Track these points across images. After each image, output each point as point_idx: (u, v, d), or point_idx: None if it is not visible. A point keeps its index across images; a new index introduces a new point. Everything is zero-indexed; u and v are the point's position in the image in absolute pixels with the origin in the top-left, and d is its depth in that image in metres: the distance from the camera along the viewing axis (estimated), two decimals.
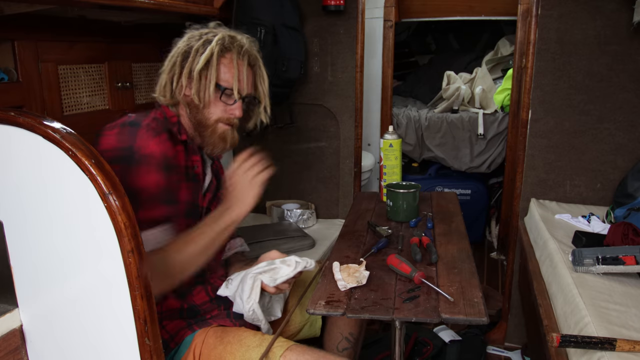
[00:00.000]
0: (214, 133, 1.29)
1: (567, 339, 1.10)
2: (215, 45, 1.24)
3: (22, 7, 1.40)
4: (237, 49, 1.27)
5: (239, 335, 1.16)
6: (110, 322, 0.95)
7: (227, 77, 1.27)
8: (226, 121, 1.29)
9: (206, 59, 1.23)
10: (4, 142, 0.92)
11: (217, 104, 1.27)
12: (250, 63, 1.31)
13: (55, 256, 0.94)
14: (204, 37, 1.27)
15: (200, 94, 1.25)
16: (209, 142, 1.31)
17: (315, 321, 1.46)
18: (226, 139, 1.31)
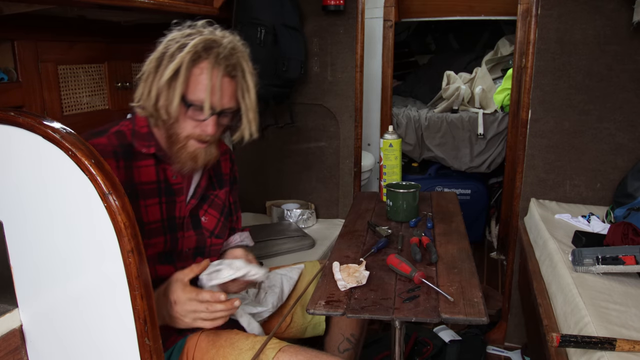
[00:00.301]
0: (183, 150, 1.17)
1: (567, 339, 1.10)
2: (186, 53, 1.09)
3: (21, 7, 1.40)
4: (214, 56, 1.12)
5: (231, 338, 1.15)
6: (111, 322, 0.95)
7: (197, 90, 1.12)
8: (198, 138, 1.16)
9: (174, 68, 1.09)
10: (3, 142, 0.92)
11: (186, 120, 1.15)
12: (229, 73, 1.14)
13: (55, 256, 0.94)
14: (181, 40, 1.13)
15: (167, 107, 1.12)
16: (177, 159, 1.19)
17: (318, 323, 1.46)
18: (197, 158, 1.18)
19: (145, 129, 1.20)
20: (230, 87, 1.16)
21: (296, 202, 2.53)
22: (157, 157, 1.20)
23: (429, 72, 3.91)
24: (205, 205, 1.32)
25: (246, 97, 1.20)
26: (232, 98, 1.17)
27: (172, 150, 1.18)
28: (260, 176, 2.57)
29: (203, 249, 1.31)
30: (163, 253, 1.23)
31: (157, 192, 1.21)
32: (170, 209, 1.23)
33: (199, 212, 1.30)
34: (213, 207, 1.34)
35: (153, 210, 1.20)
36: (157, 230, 1.21)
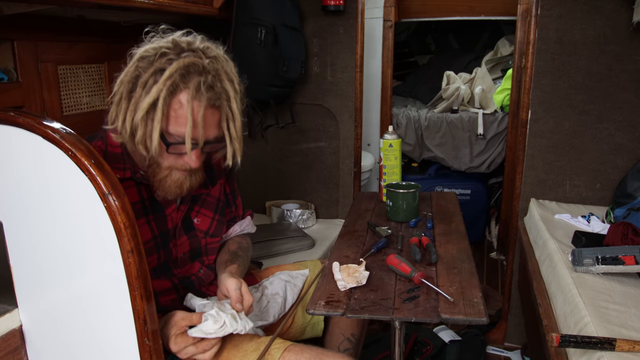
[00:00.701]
0: (167, 179, 1.11)
1: (567, 339, 1.10)
2: (162, 84, 0.99)
3: (21, 7, 1.41)
4: (194, 86, 1.00)
5: (235, 340, 1.14)
6: (110, 322, 0.95)
7: (177, 124, 1.03)
8: (181, 168, 1.10)
9: (150, 102, 0.99)
10: (3, 142, 0.92)
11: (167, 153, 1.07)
12: (212, 104, 1.03)
13: (55, 256, 0.94)
14: (155, 63, 1.01)
15: (145, 142, 1.03)
16: (161, 188, 1.12)
17: (317, 323, 1.46)
18: (182, 186, 1.12)
19: (119, 149, 1.13)
20: (214, 117, 1.06)
21: (296, 202, 2.53)
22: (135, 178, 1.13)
23: (428, 72, 3.91)
24: (196, 206, 1.27)
25: (231, 127, 1.08)
26: (216, 127, 1.07)
27: (155, 180, 1.11)
28: (260, 176, 2.57)
29: (198, 250, 1.29)
30: (158, 267, 1.20)
31: (143, 212, 1.15)
32: (160, 224, 1.18)
33: (190, 214, 1.26)
34: (205, 206, 1.29)
35: (142, 231, 1.14)
36: (150, 250, 1.17)
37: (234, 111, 1.07)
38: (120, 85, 1.04)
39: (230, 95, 1.05)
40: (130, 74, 1.03)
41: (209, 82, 1.02)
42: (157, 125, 1.01)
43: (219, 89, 1.03)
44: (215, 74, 1.03)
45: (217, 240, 1.34)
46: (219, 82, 1.04)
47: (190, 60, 1.01)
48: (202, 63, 1.02)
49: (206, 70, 1.02)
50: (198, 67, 1.01)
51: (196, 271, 1.29)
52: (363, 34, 2.25)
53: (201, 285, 1.29)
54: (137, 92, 1.02)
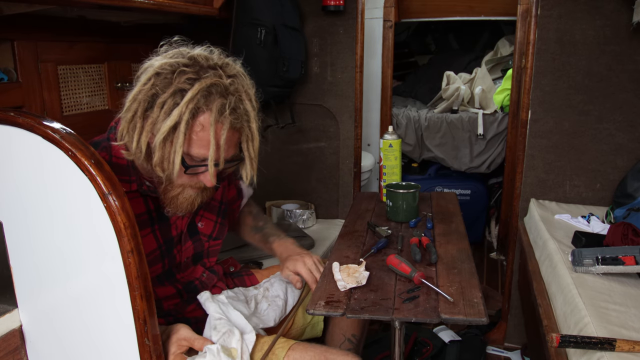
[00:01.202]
0: (179, 196, 1.10)
1: (567, 339, 1.10)
2: (184, 107, 0.96)
3: (21, 7, 1.41)
4: (217, 109, 0.98)
5: None
6: (110, 323, 0.95)
7: (198, 147, 1.01)
8: (195, 186, 1.10)
9: (171, 125, 0.97)
10: (3, 143, 0.92)
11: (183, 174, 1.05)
12: (234, 126, 1.02)
13: (55, 256, 0.94)
14: (174, 82, 0.98)
15: (163, 164, 1.01)
16: (172, 205, 1.11)
17: (317, 323, 1.46)
18: (194, 203, 1.12)
19: (124, 161, 1.09)
20: (234, 137, 1.05)
21: (296, 203, 2.53)
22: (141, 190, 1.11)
23: (428, 73, 3.91)
24: (200, 210, 1.27)
25: (250, 147, 1.09)
26: (235, 147, 1.07)
27: (166, 197, 1.10)
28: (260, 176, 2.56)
29: (201, 253, 1.29)
30: (162, 273, 1.20)
31: (149, 222, 1.14)
32: (165, 232, 1.18)
33: (195, 218, 1.26)
34: (209, 210, 1.30)
35: (147, 241, 1.13)
36: (155, 259, 1.16)
37: (253, 132, 1.07)
38: (133, 102, 1.01)
39: (250, 117, 1.05)
40: (146, 92, 0.99)
41: (232, 104, 1.00)
42: (180, 150, 0.99)
43: (241, 111, 1.02)
44: (237, 96, 1.02)
45: (219, 243, 1.34)
46: (240, 103, 1.02)
47: (212, 81, 0.99)
48: (223, 83, 1.00)
49: (228, 91, 1.00)
50: (220, 87, 0.99)
51: (199, 275, 1.29)
52: (363, 34, 2.25)
53: (205, 289, 1.29)
54: (154, 112, 0.99)
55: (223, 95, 1.00)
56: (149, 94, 0.99)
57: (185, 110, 0.96)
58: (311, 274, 1.30)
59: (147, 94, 0.99)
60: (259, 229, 1.47)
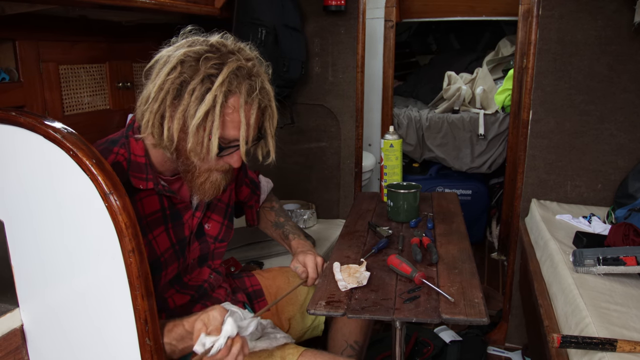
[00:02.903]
0: (207, 182, 1.11)
1: (568, 340, 1.10)
2: (218, 90, 0.99)
3: (23, 7, 1.41)
4: (245, 91, 1.02)
5: None
6: (111, 322, 0.95)
7: (230, 129, 1.04)
8: (221, 169, 1.12)
9: (206, 110, 0.99)
10: (5, 142, 0.92)
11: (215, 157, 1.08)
12: (261, 105, 1.07)
13: (56, 256, 0.94)
14: (202, 69, 1.00)
15: (197, 150, 1.03)
16: (198, 191, 1.13)
17: (318, 325, 1.46)
18: (219, 187, 1.14)
19: (142, 159, 1.10)
20: (259, 117, 1.09)
21: (297, 203, 2.53)
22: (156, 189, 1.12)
23: (430, 73, 3.91)
24: (208, 212, 1.28)
25: (271, 125, 1.12)
26: (257, 126, 1.10)
27: (193, 184, 1.12)
28: None
29: (206, 255, 1.29)
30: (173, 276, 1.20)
31: (163, 220, 1.15)
32: (178, 231, 1.18)
33: (203, 220, 1.27)
34: (216, 212, 1.30)
35: (162, 239, 1.14)
36: (171, 258, 1.17)
37: (274, 110, 1.10)
38: (159, 92, 1.01)
39: (271, 96, 1.09)
40: (172, 80, 1.00)
41: (258, 85, 1.04)
42: (217, 133, 1.01)
43: (265, 91, 1.06)
44: (260, 77, 1.06)
45: (224, 245, 1.34)
46: (263, 83, 1.06)
47: (237, 64, 1.02)
48: (247, 66, 1.04)
49: (252, 73, 1.04)
50: (244, 70, 1.03)
51: (207, 277, 1.28)
52: (364, 34, 2.25)
53: (212, 290, 1.29)
54: (184, 100, 1.00)
55: (249, 77, 1.03)
56: (176, 83, 1.00)
57: (218, 93, 0.99)
58: (315, 271, 1.34)
59: (174, 83, 1.00)
60: (279, 225, 1.52)
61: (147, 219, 1.12)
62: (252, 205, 1.51)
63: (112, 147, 1.10)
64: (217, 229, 1.30)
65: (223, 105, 1.00)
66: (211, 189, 1.12)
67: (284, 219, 1.54)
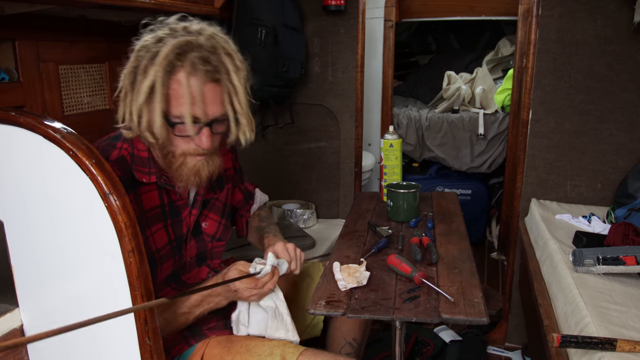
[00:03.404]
0: (183, 167, 1.09)
1: (568, 339, 1.10)
2: (158, 65, 0.97)
3: (22, 7, 1.40)
4: (189, 63, 0.99)
5: (247, 344, 1.12)
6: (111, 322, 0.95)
7: (179, 105, 1.01)
8: (194, 153, 1.08)
9: (149, 85, 0.98)
10: (4, 142, 0.92)
11: (176, 137, 1.06)
12: (211, 78, 1.01)
13: (56, 256, 0.94)
14: (152, 48, 1.00)
15: (150, 129, 1.02)
16: (179, 178, 1.11)
17: (317, 324, 1.46)
18: (199, 173, 1.10)
19: (145, 153, 1.12)
20: (216, 92, 1.03)
21: (297, 202, 2.53)
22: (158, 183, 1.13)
23: (429, 72, 3.91)
24: (205, 210, 1.28)
25: (234, 101, 1.05)
26: (220, 104, 1.05)
27: (172, 170, 1.11)
28: (260, 176, 2.57)
29: (204, 254, 1.29)
30: (170, 274, 1.20)
31: (162, 216, 1.15)
32: (176, 228, 1.18)
33: (200, 218, 1.27)
34: (213, 211, 1.30)
35: (159, 236, 1.14)
36: (167, 255, 1.17)
37: (235, 84, 1.04)
38: (123, 80, 1.04)
39: (229, 69, 1.03)
40: (131, 65, 1.02)
41: (204, 56, 1.00)
42: (158, 107, 0.99)
43: (216, 62, 1.01)
44: (211, 49, 1.01)
45: (222, 244, 1.34)
46: (215, 56, 1.01)
47: (185, 39, 1.00)
48: (197, 40, 1.01)
49: (202, 46, 1.01)
50: (192, 44, 1.00)
51: (205, 276, 1.28)
52: (364, 34, 2.25)
53: None
54: (137, 81, 1.01)
55: (197, 51, 1.00)
56: (133, 67, 1.02)
57: (159, 68, 0.98)
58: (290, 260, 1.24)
59: (131, 67, 1.02)
60: (260, 229, 1.48)
61: (148, 214, 1.12)
62: (244, 215, 1.50)
63: (116, 143, 1.11)
64: (215, 228, 1.30)
65: (164, 79, 0.98)
66: (190, 175, 1.10)
67: (265, 223, 1.48)
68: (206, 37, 1.03)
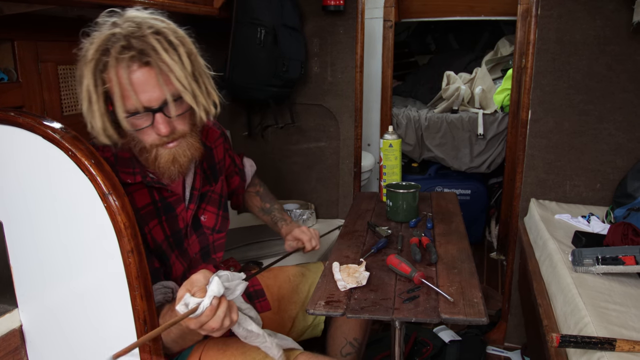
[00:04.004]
0: (158, 159, 1.07)
1: (567, 339, 1.10)
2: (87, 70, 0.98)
3: (21, 8, 1.40)
4: (114, 56, 0.96)
5: (242, 346, 1.12)
6: (111, 322, 0.95)
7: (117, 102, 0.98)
8: (161, 143, 1.06)
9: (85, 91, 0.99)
10: (4, 142, 0.92)
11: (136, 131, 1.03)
12: (139, 61, 0.97)
13: (55, 256, 0.94)
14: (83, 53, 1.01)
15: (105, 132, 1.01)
16: (160, 171, 1.09)
17: (318, 324, 1.46)
18: (175, 160, 1.07)
19: (127, 154, 1.11)
20: (149, 76, 0.98)
21: (296, 202, 2.53)
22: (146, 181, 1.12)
23: (428, 73, 3.91)
24: (203, 204, 1.29)
25: (173, 80, 0.99)
26: (157, 87, 0.99)
27: (150, 164, 1.09)
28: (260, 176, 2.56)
29: (207, 247, 1.30)
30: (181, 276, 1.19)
31: (156, 213, 1.15)
32: (172, 223, 1.18)
33: (198, 212, 1.28)
34: (211, 203, 1.31)
35: (156, 232, 1.14)
36: (167, 250, 1.17)
37: (167, 62, 0.98)
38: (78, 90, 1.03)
39: (157, 48, 0.97)
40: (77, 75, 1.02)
41: (127, 44, 0.96)
42: (96, 109, 0.99)
43: (141, 46, 0.97)
44: (134, 35, 0.97)
45: (223, 236, 1.35)
46: (139, 40, 0.97)
47: (107, 34, 0.98)
48: (119, 31, 0.98)
49: (125, 35, 0.97)
50: (116, 35, 0.97)
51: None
52: (363, 34, 2.25)
53: None
54: (78, 89, 1.02)
55: (119, 40, 0.97)
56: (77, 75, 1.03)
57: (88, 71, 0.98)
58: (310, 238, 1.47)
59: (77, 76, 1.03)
60: (267, 211, 1.60)
61: (140, 212, 1.12)
62: (239, 193, 1.56)
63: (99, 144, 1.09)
64: (214, 220, 1.31)
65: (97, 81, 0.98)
66: (168, 165, 1.07)
67: (269, 204, 1.61)
68: (130, 23, 0.99)
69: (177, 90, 1.01)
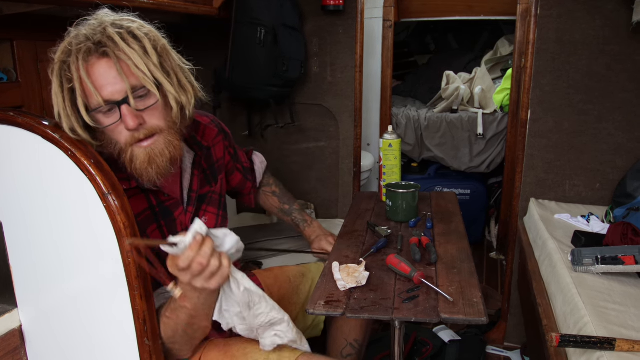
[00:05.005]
0: (135, 160, 1.01)
1: (567, 339, 1.10)
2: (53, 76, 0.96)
3: (21, 7, 1.40)
4: (74, 54, 0.94)
5: (244, 348, 1.12)
6: (110, 322, 0.95)
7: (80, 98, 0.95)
8: (133, 140, 1.00)
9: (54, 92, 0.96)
10: (3, 142, 0.92)
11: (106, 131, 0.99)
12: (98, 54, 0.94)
13: (55, 256, 0.94)
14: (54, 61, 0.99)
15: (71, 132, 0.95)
16: (137, 172, 1.02)
17: (318, 324, 1.46)
18: (153, 160, 1.01)
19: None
20: (107, 67, 0.95)
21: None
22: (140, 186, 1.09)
23: (428, 72, 3.91)
24: (203, 205, 1.28)
25: (134, 70, 0.95)
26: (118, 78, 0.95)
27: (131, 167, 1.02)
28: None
29: None
30: None
31: (154, 218, 1.13)
32: (172, 227, 1.16)
33: (199, 213, 1.26)
34: (212, 204, 1.30)
35: (155, 237, 1.13)
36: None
37: (124, 51, 0.94)
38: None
39: (115, 39, 0.94)
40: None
41: (84, 39, 0.95)
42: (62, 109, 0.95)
43: (98, 38, 0.94)
44: (93, 30, 0.96)
45: None
46: (98, 33, 0.95)
47: (70, 39, 0.97)
48: (79, 32, 0.97)
49: (84, 34, 0.96)
50: (77, 37, 0.96)
51: None
52: (363, 34, 2.25)
53: None
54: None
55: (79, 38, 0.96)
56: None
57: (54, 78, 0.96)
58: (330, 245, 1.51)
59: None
60: (287, 212, 1.67)
61: (138, 218, 1.10)
62: (250, 193, 1.58)
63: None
64: (214, 221, 1.31)
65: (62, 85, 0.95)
66: (144, 166, 1.01)
67: (288, 205, 1.66)
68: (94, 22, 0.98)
69: (139, 81, 0.96)
